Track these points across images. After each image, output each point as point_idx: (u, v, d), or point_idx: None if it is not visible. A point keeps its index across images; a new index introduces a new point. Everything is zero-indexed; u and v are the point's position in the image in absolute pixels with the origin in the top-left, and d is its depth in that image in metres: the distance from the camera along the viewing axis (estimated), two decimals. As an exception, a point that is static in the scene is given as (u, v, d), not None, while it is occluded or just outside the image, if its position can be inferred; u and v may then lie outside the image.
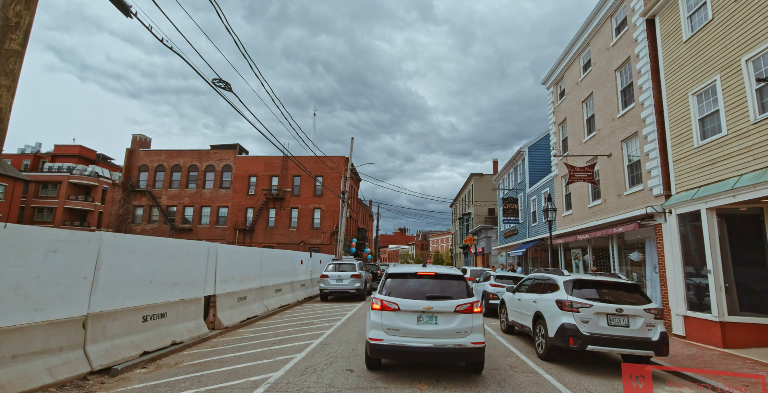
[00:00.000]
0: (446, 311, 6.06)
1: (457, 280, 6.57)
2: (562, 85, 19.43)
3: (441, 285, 6.46)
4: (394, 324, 6.05)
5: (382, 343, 5.95)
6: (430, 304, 6.07)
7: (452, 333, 5.97)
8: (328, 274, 17.23)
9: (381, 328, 6.08)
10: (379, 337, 6.00)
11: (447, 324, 6.02)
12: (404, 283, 6.52)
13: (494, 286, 13.81)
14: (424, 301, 6.12)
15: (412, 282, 6.53)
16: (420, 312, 6.06)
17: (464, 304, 6.12)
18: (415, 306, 6.07)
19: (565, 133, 19.07)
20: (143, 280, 7.47)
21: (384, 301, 6.20)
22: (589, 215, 15.93)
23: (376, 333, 6.06)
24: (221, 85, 10.08)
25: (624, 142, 13.64)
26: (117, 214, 42.22)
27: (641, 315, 6.91)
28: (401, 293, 6.33)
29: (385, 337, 6.00)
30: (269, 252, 14.31)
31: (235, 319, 10.63)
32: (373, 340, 6.01)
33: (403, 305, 6.11)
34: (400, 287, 6.45)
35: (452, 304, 6.10)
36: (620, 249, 14.15)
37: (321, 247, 39.31)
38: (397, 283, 6.53)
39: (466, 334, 5.99)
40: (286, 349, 7.97)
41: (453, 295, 6.28)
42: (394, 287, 6.47)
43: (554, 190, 20.16)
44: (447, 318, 6.06)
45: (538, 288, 8.71)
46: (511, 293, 10.21)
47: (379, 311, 6.18)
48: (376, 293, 6.58)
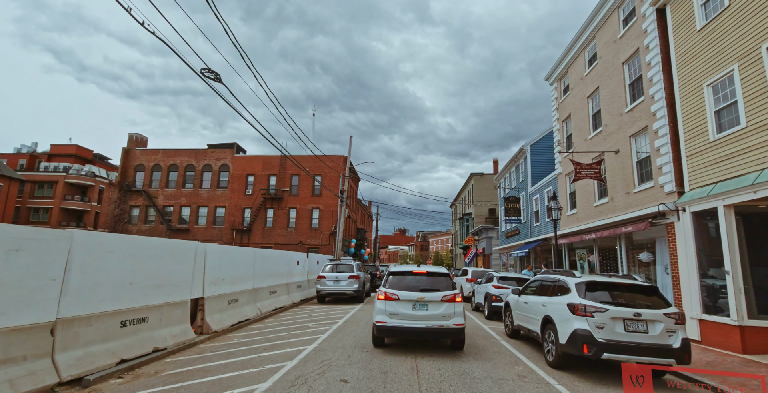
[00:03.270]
0: (434, 300, 7.73)
1: (443, 276, 8.31)
2: (566, 81, 18.90)
3: (431, 280, 8.15)
4: (395, 310, 7.72)
5: (386, 325, 7.66)
6: (423, 295, 7.75)
7: (439, 317, 7.65)
8: (326, 275, 16.68)
9: (385, 314, 7.75)
10: (383, 320, 7.70)
11: (435, 310, 7.69)
12: (403, 279, 8.19)
13: (498, 287, 13.27)
14: (418, 293, 7.80)
15: (409, 278, 8.21)
16: (415, 301, 7.73)
17: (448, 294, 7.81)
18: (411, 296, 7.76)
19: (569, 129, 18.54)
20: (122, 282, 6.93)
21: (387, 293, 7.90)
22: (596, 214, 15.39)
23: (381, 317, 7.74)
24: (210, 75, 9.54)
25: (633, 137, 13.10)
26: (112, 214, 41.64)
27: (661, 320, 6.37)
28: (401, 286, 8.00)
29: (388, 320, 7.69)
30: (263, 252, 13.76)
31: (225, 323, 10.08)
32: (379, 322, 7.71)
33: (402, 296, 7.80)
34: (399, 282, 8.12)
35: (439, 295, 7.77)
36: (628, 249, 13.61)
37: (320, 247, 38.75)
38: (397, 279, 8.21)
39: (450, 317, 7.68)
40: (277, 356, 7.43)
41: (440, 288, 7.97)
42: (394, 282, 8.16)
43: (558, 188, 19.63)
44: (435, 305, 7.72)
45: (547, 290, 8.17)
46: (517, 295, 9.67)
47: (384, 300, 7.86)
48: (380, 287, 8.22)
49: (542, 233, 22.08)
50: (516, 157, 27.86)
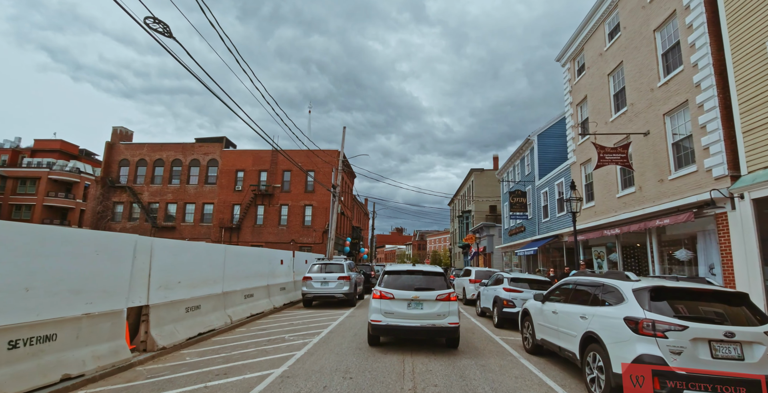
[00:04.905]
0: (429, 299, 7.66)
1: (438, 275, 8.20)
2: (582, 60, 17.03)
3: (426, 280, 8.07)
4: (390, 309, 7.66)
5: (381, 324, 7.61)
6: (417, 294, 7.69)
7: (434, 316, 7.57)
8: (312, 276, 14.77)
9: (380, 313, 7.69)
10: (379, 319, 7.65)
11: (430, 309, 7.62)
12: (398, 278, 8.13)
13: (509, 290, 11.40)
14: (413, 292, 7.74)
15: (405, 277, 8.14)
16: (409, 300, 7.67)
17: (443, 294, 7.72)
18: (406, 295, 7.70)
19: (584, 113, 16.68)
20: (13, 287, 5.03)
21: (383, 292, 7.85)
22: (619, 206, 13.53)
23: (377, 316, 7.69)
24: (157, 27, 7.60)
25: (667, 115, 11.25)
26: (94, 211, 39.57)
27: (762, 341, 4.51)
28: (396, 285, 7.94)
29: (383, 318, 7.64)
30: (237, 250, 11.84)
31: (179, 336, 8.17)
32: (374, 321, 7.66)
33: (396, 295, 7.73)
34: (395, 281, 8.07)
35: (434, 294, 7.70)
36: (661, 246, 11.76)
37: (312, 246, 36.83)
38: (392, 278, 8.17)
39: (444, 316, 7.58)
40: (229, 386, 5.53)
41: (435, 288, 7.89)
42: (390, 281, 8.11)
43: (571, 179, 17.77)
44: (430, 304, 7.65)
45: (585, 297, 6.29)
46: (539, 302, 7.79)
47: (379, 299, 7.81)
48: (376, 286, 8.17)
49: (551, 230, 20.22)
50: (521, 149, 25.95)
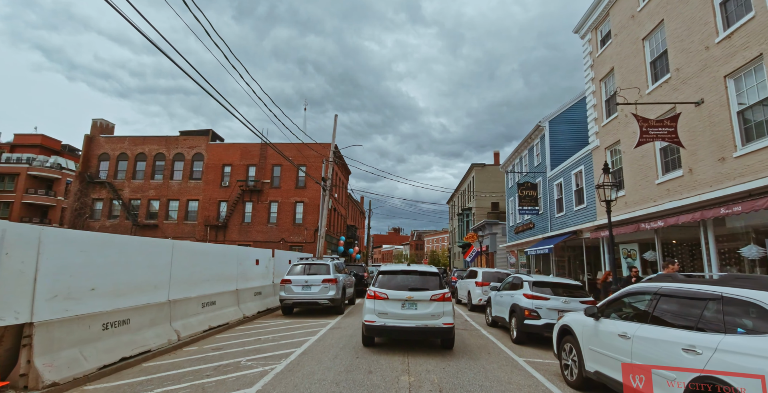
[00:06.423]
0: (423, 300, 7.73)
1: (433, 276, 8.26)
2: (606, 28, 14.76)
3: (420, 280, 8.15)
4: (384, 309, 7.73)
5: (375, 324, 7.67)
6: (412, 294, 7.77)
7: (428, 316, 7.64)
8: (292, 279, 12.45)
9: (374, 313, 7.75)
10: (372, 320, 7.70)
11: (424, 309, 7.68)
12: (393, 278, 8.21)
13: (532, 297, 9.12)
14: (407, 292, 7.83)
15: (399, 277, 8.23)
16: (404, 300, 7.74)
17: (437, 294, 7.79)
18: (400, 296, 7.78)
19: (611, 89, 14.41)
20: None
21: (377, 292, 7.92)
22: (660, 194, 11.25)
23: (371, 316, 7.74)
24: None
25: (729, 77, 9.00)
26: (72, 208, 37.10)
27: None
28: (390, 286, 8.02)
29: (377, 319, 7.70)
30: (191, 246, 9.52)
31: (88, 365, 5.83)
32: (368, 322, 7.71)
33: (391, 295, 7.82)
34: (389, 281, 8.15)
35: (428, 294, 7.78)
36: (718, 241, 9.51)
37: (304, 245, 34.51)
38: (387, 278, 8.24)
39: (439, 317, 7.65)
40: None
41: (429, 288, 7.96)
42: (384, 281, 8.19)
43: (592, 167, 15.53)
44: (424, 305, 7.72)
45: (688, 316, 3.99)
46: (593, 319, 5.50)
47: (373, 300, 7.87)
48: (370, 286, 8.31)
49: (568, 225, 17.94)
50: (530, 137, 23.64)
